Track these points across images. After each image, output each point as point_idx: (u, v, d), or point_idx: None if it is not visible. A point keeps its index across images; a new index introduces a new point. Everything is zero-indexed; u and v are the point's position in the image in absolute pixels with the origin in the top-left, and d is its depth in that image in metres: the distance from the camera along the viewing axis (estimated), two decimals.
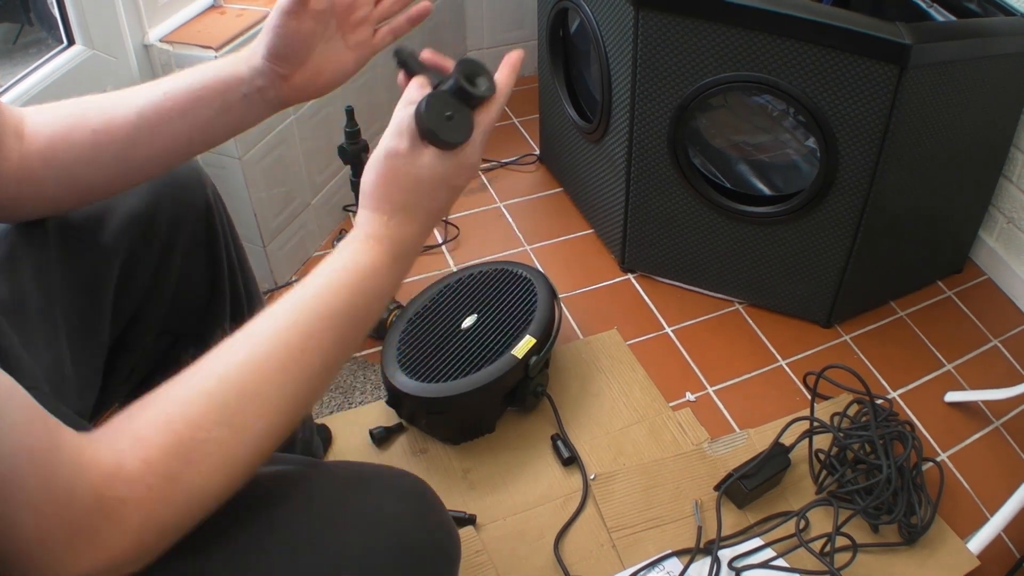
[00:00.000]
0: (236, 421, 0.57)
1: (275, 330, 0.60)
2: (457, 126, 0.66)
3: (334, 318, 0.62)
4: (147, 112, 0.76)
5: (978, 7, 1.51)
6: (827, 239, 1.53)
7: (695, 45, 1.41)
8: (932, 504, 1.32)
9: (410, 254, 0.68)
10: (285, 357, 0.59)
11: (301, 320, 0.61)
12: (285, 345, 0.60)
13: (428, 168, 0.66)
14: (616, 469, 1.39)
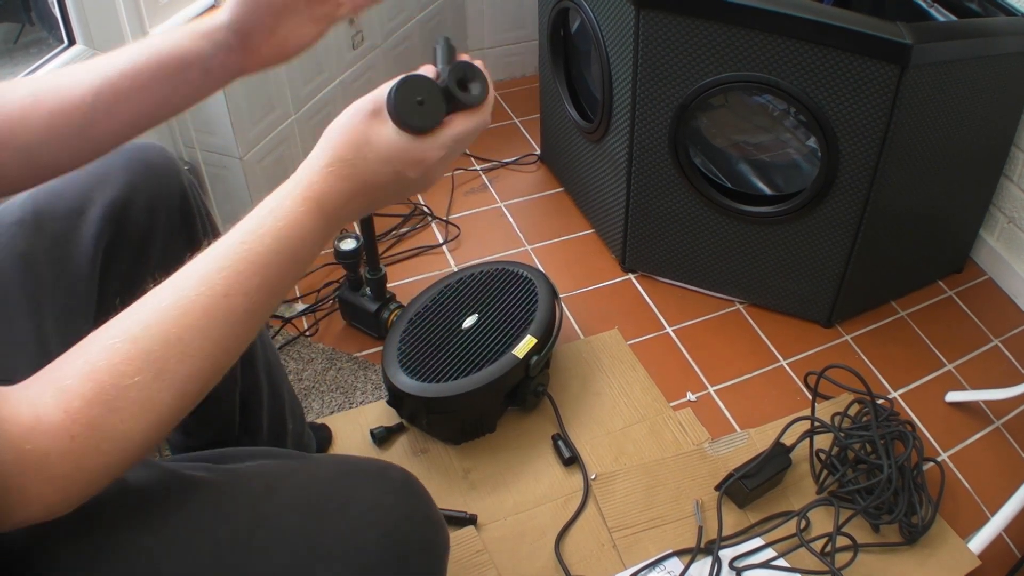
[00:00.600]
0: (159, 366, 0.56)
1: (200, 275, 0.60)
2: (424, 114, 0.63)
3: (260, 263, 0.61)
4: (103, 91, 0.75)
5: (979, 7, 1.51)
6: (828, 239, 1.53)
7: (696, 45, 1.41)
8: (933, 504, 1.32)
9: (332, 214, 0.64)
10: (209, 302, 0.59)
11: (226, 264, 0.60)
12: (210, 290, 0.59)
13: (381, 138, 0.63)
14: (617, 469, 1.39)
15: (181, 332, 0.57)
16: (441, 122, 0.64)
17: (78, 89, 0.74)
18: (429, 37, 2.10)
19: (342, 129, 0.64)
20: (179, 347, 0.57)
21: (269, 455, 0.78)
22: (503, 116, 2.29)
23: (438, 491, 1.36)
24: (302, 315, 1.68)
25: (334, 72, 1.74)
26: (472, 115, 0.66)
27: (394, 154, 0.63)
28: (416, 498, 0.71)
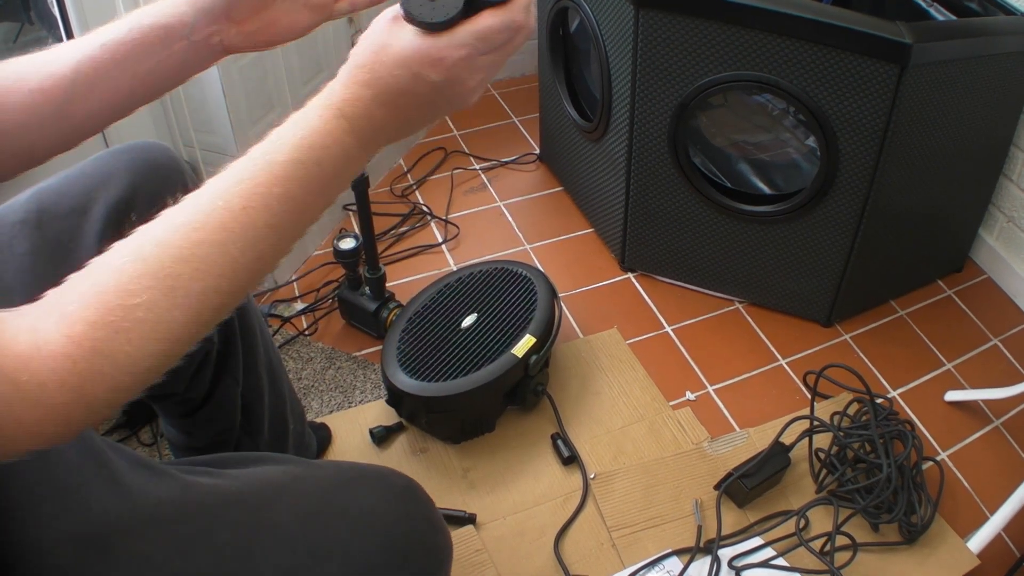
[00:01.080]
0: (170, 283, 0.52)
1: (218, 189, 0.57)
2: (438, 9, 0.59)
3: (280, 172, 0.57)
4: (83, 66, 0.72)
5: (978, 6, 1.51)
6: (827, 238, 1.53)
7: (695, 44, 1.41)
8: (932, 503, 1.32)
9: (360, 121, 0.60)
10: (226, 214, 0.55)
11: (244, 176, 0.57)
12: (227, 203, 0.56)
13: (397, 40, 0.60)
14: (616, 468, 1.39)
15: (194, 247, 0.54)
16: (457, 19, 0.60)
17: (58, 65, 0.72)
18: None
19: (364, 39, 0.62)
20: (193, 263, 0.53)
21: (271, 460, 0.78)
22: (502, 115, 2.29)
23: (437, 490, 1.36)
24: (301, 314, 1.68)
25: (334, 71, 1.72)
26: (499, 11, 0.60)
27: (409, 54, 0.59)
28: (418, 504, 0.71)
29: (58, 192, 0.86)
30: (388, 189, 2.02)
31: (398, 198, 2.00)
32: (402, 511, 0.69)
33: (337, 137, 0.59)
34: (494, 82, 2.42)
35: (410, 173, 2.08)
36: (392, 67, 0.60)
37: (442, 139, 2.20)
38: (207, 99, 1.46)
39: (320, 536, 0.65)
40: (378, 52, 0.60)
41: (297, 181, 0.58)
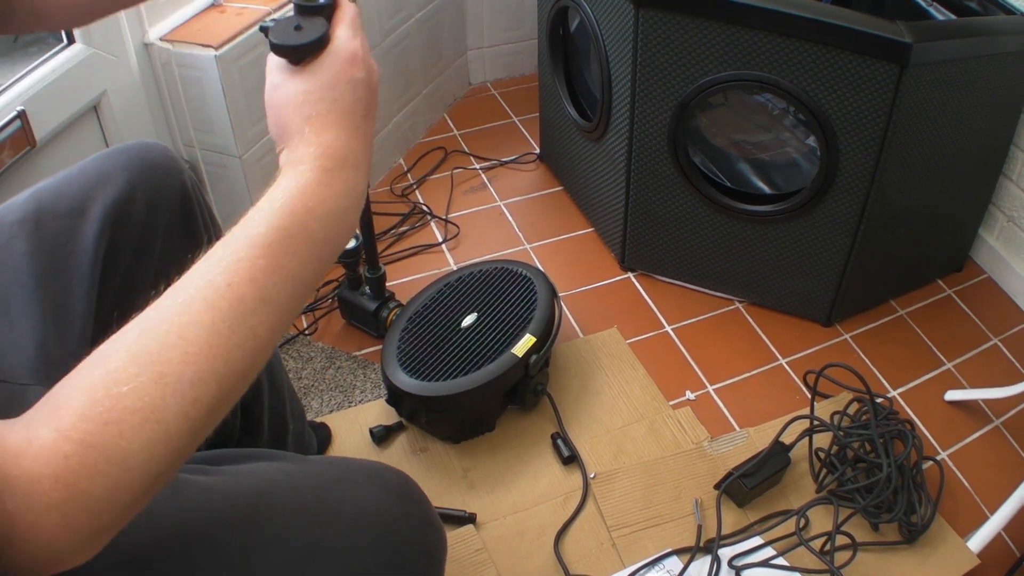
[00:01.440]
0: (158, 369, 0.50)
1: (199, 271, 0.54)
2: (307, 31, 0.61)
3: (262, 244, 0.55)
4: None
5: (978, 6, 1.51)
6: (827, 238, 1.53)
7: (695, 43, 1.41)
8: (932, 503, 1.32)
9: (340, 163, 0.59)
10: (211, 295, 0.53)
11: (225, 254, 0.55)
12: (209, 282, 0.53)
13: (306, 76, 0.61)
14: (616, 468, 1.39)
15: (181, 330, 0.52)
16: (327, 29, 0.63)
17: None
18: (428, 36, 2.10)
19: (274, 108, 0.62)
20: (181, 346, 0.51)
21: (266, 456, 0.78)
22: (502, 115, 2.29)
23: (437, 490, 1.36)
24: (301, 314, 1.68)
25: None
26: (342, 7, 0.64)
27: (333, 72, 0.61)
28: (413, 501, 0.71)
29: (56, 192, 0.87)
30: (388, 188, 2.02)
31: (398, 197, 2.00)
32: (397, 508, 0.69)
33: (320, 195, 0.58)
34: (494, 81, 2.43)
35: (410, 172, 2.08)
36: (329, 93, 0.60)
37: (442, 139, 2.20)
38: (207, 99, 1.46)
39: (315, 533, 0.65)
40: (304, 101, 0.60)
41: (282, 248, 0.55)
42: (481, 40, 2.34)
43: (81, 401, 0.48)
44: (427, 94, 2.18)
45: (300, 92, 0.60)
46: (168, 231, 0.95)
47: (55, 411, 0.48)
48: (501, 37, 2.36)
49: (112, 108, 1.40)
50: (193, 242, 0.99)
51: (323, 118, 0.60)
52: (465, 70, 2.37)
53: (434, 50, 2.16)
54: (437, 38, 2.15)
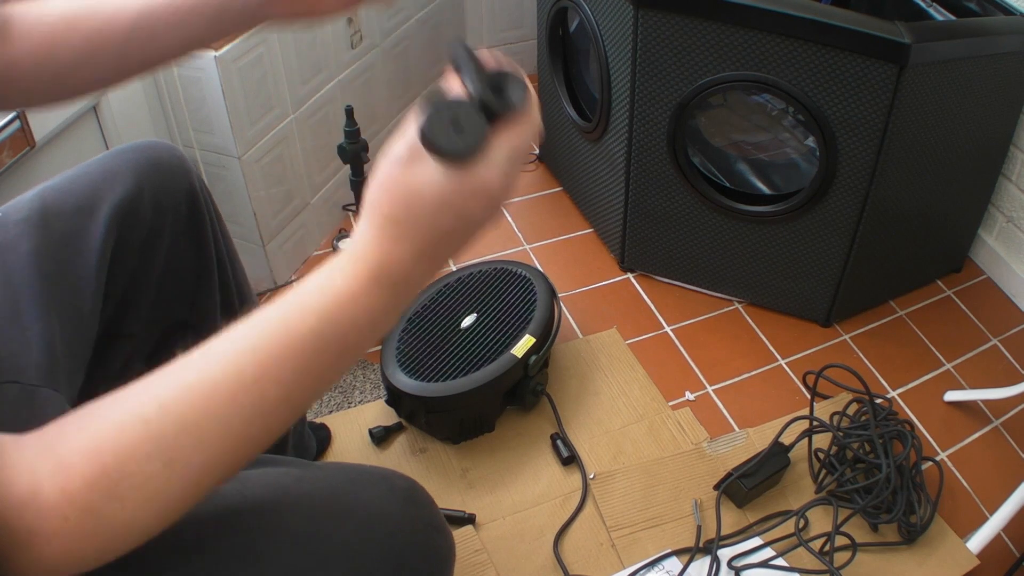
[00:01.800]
0: (171, 455, 0.50)
1: (230, 354, 0.53)
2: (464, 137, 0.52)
3: (297, 346, 0.52)
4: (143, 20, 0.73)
5: (977, 6, 1.51)
6: (826, 238, 1.53)
7: (694, 44, 1.41)
8: (931, 503, 1.32)
9: (398, 282, 0.54)
10: (236, 386, 0.52)
11: (260, 345, 0.52)
12: (238, 372, 0.52)
13: (427, 181, 0.52)
14: (615, 468, 1.39)
15: (200, 418, 0.51)
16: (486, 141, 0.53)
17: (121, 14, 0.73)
18: (428, 36, 2.10)
19: (382, 186, 0.54)
20: (196, 434, 0.51)
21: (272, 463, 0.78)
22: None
23: (436, 490, 1.36)
24: None
25: (332, 71, 1.73)
26: (519, 123, 0.54)
27: (449, 194, 0.52)
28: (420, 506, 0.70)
29: (63, 191, 0.86)
30: None
31: None
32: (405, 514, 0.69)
33: (370, 305, 0.53)
34: None
35: None
36: (432, 214, 0.52)
37: None
38: (206, 99, 1.46)
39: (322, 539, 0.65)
40: (409, 199, 0.53)
41: (317, 356, 0.53)
42: (481, 40, 2.34)
43: (91, 469, 0.49)
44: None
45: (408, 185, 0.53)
46: (174, 232, 0.95)
47: (63, 469, 0.49)
48: (501, 37, 2.36)
49: (111, 108, 1.40)
50: (199, 244, 0.98)
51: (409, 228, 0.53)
52: None
53: (434, 50, 2.16)
54: (437, 38, 2.15)
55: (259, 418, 0.53)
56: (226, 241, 1.03)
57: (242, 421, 0.52)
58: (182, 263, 0.97)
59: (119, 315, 0.92)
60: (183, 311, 1.00)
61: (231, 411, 0.52)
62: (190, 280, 0.99)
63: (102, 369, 0.91)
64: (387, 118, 2.01)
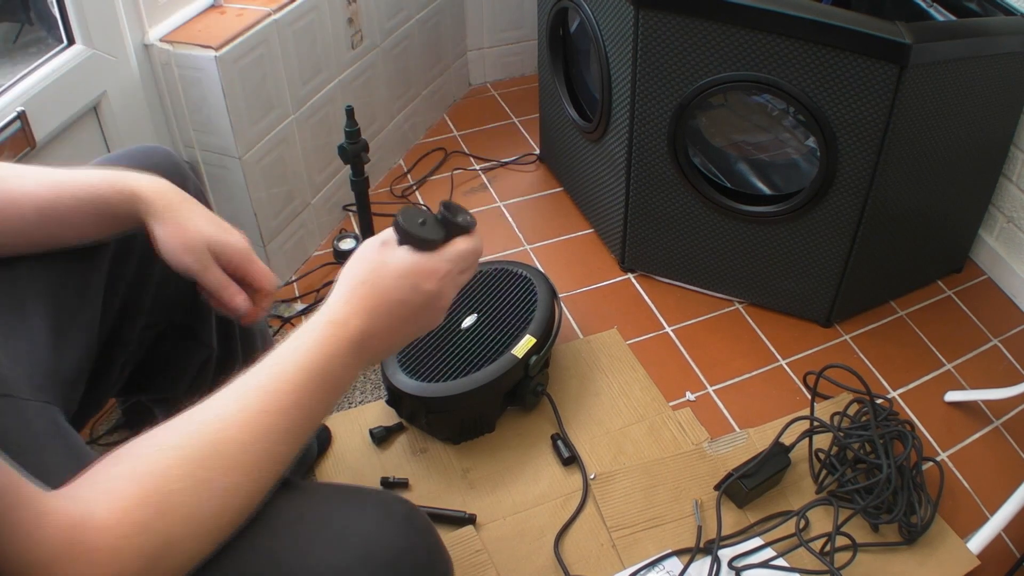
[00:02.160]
0: (202, 475, 0.58)
1: (237, 393, 0.63)
2: (427, 231, 0.70)
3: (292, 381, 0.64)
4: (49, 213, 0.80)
5: (978, 6, 1.51)
6: (827, 238, 1.53)
7: (695, 44, 1.41)
8: (932, 503, 1.32)
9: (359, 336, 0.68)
10: (248, 417, 0.61)
11: (262, 384, 0.63)
12: (247, 406, 0.62)
13: (395, 258, 0.69)
14: (616, 468, 1.39)
15: (223, 445, 0.60)
16: (442, 241, 0.71)
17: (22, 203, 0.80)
18: (428, 37, 2.10)
19: (357, 259, 0.70)
20: (222, 459, 0.59)
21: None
22: (502, 116, 2.29)
23: (437, 490, 1.36)
24: (301, 315, 1.68)
25: (333, 71, 1.74)
26: (469, 238, 0.73)
27: (408, 267, 0.69)
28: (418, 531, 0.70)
29: None
30: (388, 189, 2.02)
31: (398, 198, 2.00)
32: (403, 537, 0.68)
33: (340, 350, 0.66)
34: (494, 82, 2.43)
35: (410, 173, 2.08)
36: (392, 279, 0.68)
37: (442, 139, 2.20)
38: (206, 99, 1.46)
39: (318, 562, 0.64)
40: (376, 268, 0.69)
41: (306, 389, 0.64)
42: (481, 41, 2.34)
43: (137, 490, 0.56)
44: (427, 95, 2.18)
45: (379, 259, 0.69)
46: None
47: (110, 493, 0.55)
48: (501, 38, 2.36)
49: (112, 109, 1.40)
50: None
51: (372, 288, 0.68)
52: (465, 71, 2.37)
53: (434, 51, 2.16)
54: (437, 39, 2.15)
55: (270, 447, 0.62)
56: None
57: (259, 448, 0.61)
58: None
59: (118, 324, 0.92)
60: (179, 315, 1.00)
61: (248, 438, 0.61)
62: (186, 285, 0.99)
63: (100, 377, 0.91)
64: (387, 118, 2.01)
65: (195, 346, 1.03)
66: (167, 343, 1.00)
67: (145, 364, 1.00)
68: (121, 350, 0.94)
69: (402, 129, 2.10)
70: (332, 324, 0.67)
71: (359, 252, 0.71)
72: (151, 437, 0.60)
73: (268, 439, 0.62)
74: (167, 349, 1.01)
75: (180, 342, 1.02)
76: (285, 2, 1.54)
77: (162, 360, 1.02)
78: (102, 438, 1.41)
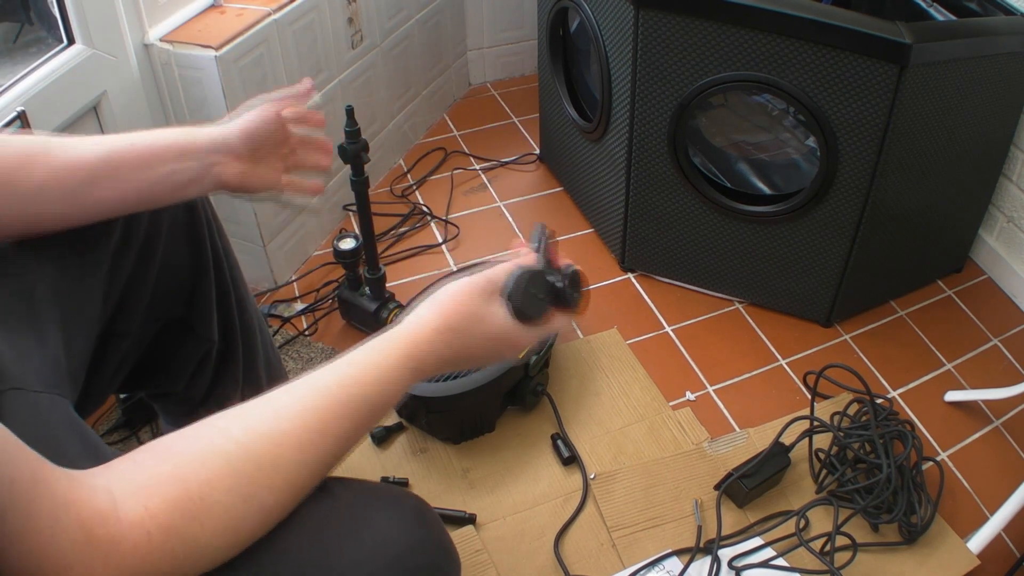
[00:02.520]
0: (247, 491, 0.57)
1: (300, 409, 0.62)
2: (537, 307, 0.71)
3: (352, 407, 0.64)
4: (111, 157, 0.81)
5: (978, 6, 1.51)
6: (827, 238, 1.53)
7: (695, 44, 1.41)
8: (932, 503, 1.32)
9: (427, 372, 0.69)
10: (304, 438, 0.61)
11: (324, 405, 0.63)
12: (305, 425, 0.61)
13: (494, 318, 0.70)
14: (616, 468, 1.39)
15: (275, 461, 0.59)
16: (547, 318, 0.72)
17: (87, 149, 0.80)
18: (428, 36, 2.10)
19: (456, 300, 0.70)
20: (271, 476, 0.58)
21: None
22: (502, 116, 2.29)
23: (437, 490, 1.36)
24: (301, 314, 1.68)
25: (333, 71, 1.74)
26: (569, 316, 0.74)
27: (502, 335, 0.70)
28: (428, 527, 0.70)
29: None
30: (388, 189, 2.03)
31: (398, 198, 2.00)
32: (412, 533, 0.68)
33: (406, 382, 0.67)
34: (494, 82, 2.43)
35: (410, 173, 2.08)
36: (481, 339, 0.70)
37: (442, 139, 2.20)
38: (207, 99, 1.46)
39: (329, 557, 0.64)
40: (471, 321, 0.69)
41: (364, 416, 0.65)
42: (481, 41, 2.34)
43: (175, 492, 0.54)
44: (427, 95, 2.18)
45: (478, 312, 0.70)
46: (172, 234, 0.95)
47: (143, 490, 0.54)
48: (501, 38, 2.36)
49: (112, 109, 1.40)
50: (196, 245, 0.99)
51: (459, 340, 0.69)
52: (465, 70, 2.37)
53: (434, 50, 2.16)
54: (437, 38, 2.15)
55: (319, 466, 0.62)
56: (222, 239, 1.04)
57: (308, 469, 0.61)
58: (179, 263, 0.98)
59: (116, 315, 0.92)
60: (179, 308, 1.00)
61: (301, 458, 0.60)
62: (187, 279, 1.00)
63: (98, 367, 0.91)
64: (387, 118, 2.01)
65: (195, 340, 1.03)
66: (167, 337, 1.01)
67: (145, 359, 1.00)
68: (118, 341, 0.94)
69: (402, 129, 2.10)
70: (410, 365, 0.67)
71: (460, 290, 0.70)
72: (200, 436, 0.59)
73: (317, 460, 0.61)
74: (167, 343, 1.01)
75: (180, 336, 1.02)
76: (285, 2, 1.55)
77: (162, 355, 1.02)
78: (103, 438, 1.41)
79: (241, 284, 1.09)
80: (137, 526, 0.52)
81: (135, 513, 0.52)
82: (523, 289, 0.70)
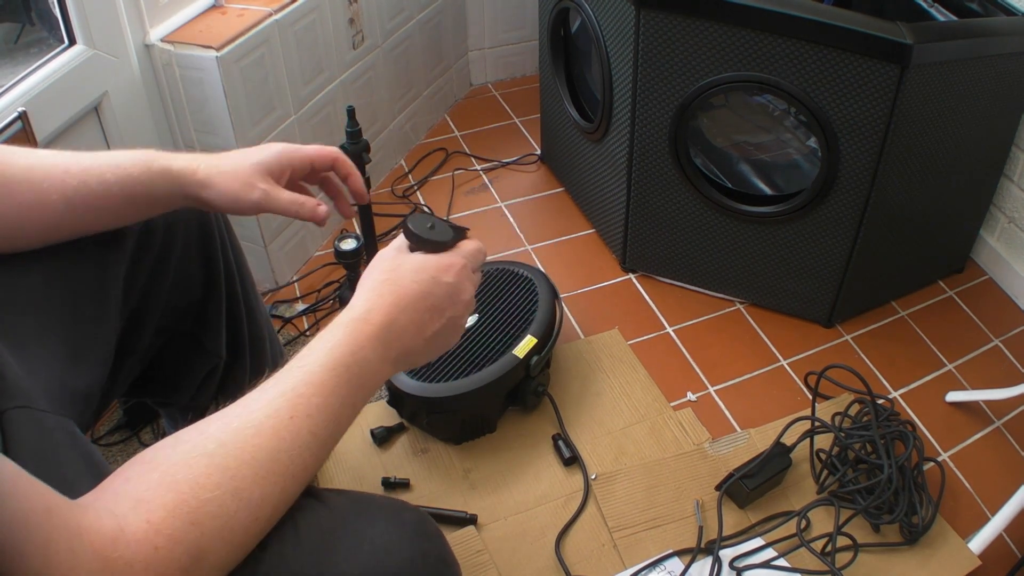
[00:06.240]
0: (234, 485, 0.57)
1: (265, 400, 0.62)
2: (437, 234, 0.74)
3: (316, 383, 0.64)
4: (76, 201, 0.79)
5: (979, 7, 1.51)
6: (828, 239, 1.53)
7: (696, 45, 1.41)
8: (933, 504, 1.32)
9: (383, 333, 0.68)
10: (277, 424, 0.61)
11: (287, 388, 0.63)
12: (276, 412, 0.61)
13: (410, 258, 0.73)
14: (617, 469, 1.39)
15: (254, 451, 0.59)
16: (451, 242, 0.75)
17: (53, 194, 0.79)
18: (429, 37, 2.10)
19: (374, 264, 0.73)
20: (253, 467, 0.59)
21: None
22: (503, 116, 2.29)
23: (438, 491, 1.36)
24: (302, 315, 1.68)
25: (334, 72, 1.74)
26: (473, 240, 0.77)
27: (426, 263, 0.72)
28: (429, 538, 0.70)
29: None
30: (389, 190, 2.03)
31: (399, 199, 2.00)
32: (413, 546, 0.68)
33: (364, 345, 0.67)
34: (495, 82, 2.43)
35: (411, 174, 2.08)
36: (412, 273, 0.71)
37: (443, 140, 2.20)
38: (208, 99, 1.46)
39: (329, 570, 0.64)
40: (395, 267, 0.72)
41: (330, 389, 0.64)
42: (482, 41, 2.34)
43: (170, 498, 0.55)
44: (428, 95, 2.18)
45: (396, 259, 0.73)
46: (185, 250, 0.95)
47: (141, 503, 0.55)
48: (502, 38, 2.36)
49: (113, 109, 1.40)
50: (208, 260, 0.98)
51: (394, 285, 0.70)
52: (466, 71, 2.37)
53: (435, 51, 2.16)
54: (438, 39, 2.15)
55: (298, 453, 0.62)
56: (236, 253, 1.03)
57: (287, 456, 0.61)
58: (191, 280, 0.97)
59: (128, 333, 0.92)
60: (188, 323, 1.00)
61: (277, 445, 0.60)
62: (198, 292, 0.99)
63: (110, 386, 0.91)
64: (388, 118, 2.01)
65: (203, 355, 1.03)
66: (174, 350, 1.00)
67: (150, 369, 1.00)
68: (128, 358, 0.94)
69: (403, 129, 2.10)
70: (353, 320, 0.67)
71: (375, 258, 0.73)
72: (181, 443, 0.59)
73: (297, 445, 0.61)
74: (174, 357, 1.01)
75: (187, 350, 1.01)
76: (286, 2, 1.55)
77: (167, 367, 1.02)
78: (103, 438, 1.41)
79: (252, 295, 1.08)
80: (144, 542, 0.53)
81: (139, 530, 0.53)
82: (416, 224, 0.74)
